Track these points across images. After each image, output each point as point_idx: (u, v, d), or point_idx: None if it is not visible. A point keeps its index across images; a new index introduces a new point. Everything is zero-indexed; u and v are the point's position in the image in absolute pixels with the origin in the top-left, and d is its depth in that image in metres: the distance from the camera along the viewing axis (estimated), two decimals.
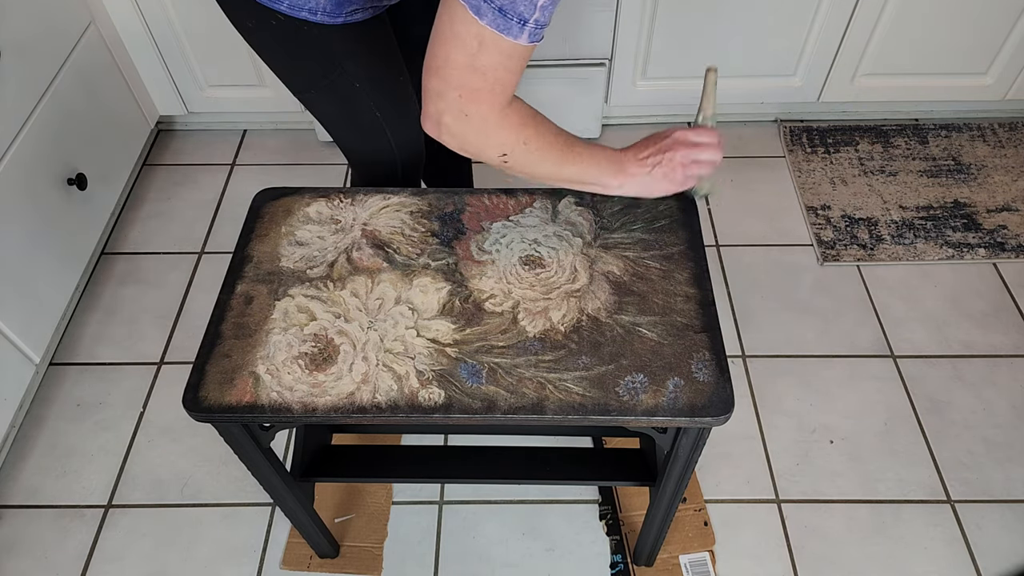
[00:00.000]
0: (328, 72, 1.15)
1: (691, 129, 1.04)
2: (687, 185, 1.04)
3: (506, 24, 0.79)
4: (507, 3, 0.78)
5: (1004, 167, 2.11)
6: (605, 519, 1.51)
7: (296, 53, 1.13)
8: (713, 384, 0.92)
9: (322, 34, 1.09)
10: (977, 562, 1.46)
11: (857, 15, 1.92)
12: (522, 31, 0.80)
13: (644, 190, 1.04)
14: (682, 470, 1.08)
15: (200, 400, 0.93)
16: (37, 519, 1.53)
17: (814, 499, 1.54)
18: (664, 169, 1.02)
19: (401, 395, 0.92)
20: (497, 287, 1.02)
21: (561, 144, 0.96)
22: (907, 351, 1.76)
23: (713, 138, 1.03)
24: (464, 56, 0.82)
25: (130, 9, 1.90)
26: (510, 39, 0.81)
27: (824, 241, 1.95)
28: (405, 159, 1.32)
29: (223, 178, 2.17)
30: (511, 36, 0.80)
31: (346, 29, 1.10)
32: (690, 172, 1.03)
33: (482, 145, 0.91)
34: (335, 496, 1.55)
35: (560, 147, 0.96)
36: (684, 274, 1.03)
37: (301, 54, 1.13)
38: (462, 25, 0.81)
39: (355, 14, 1.09)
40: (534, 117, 0.94)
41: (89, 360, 1.77)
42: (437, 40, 0.84)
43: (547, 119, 0.96)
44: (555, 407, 0.91)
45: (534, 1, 0.78)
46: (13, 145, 1.58)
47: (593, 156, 0.99)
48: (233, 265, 1.06)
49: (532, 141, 0.93)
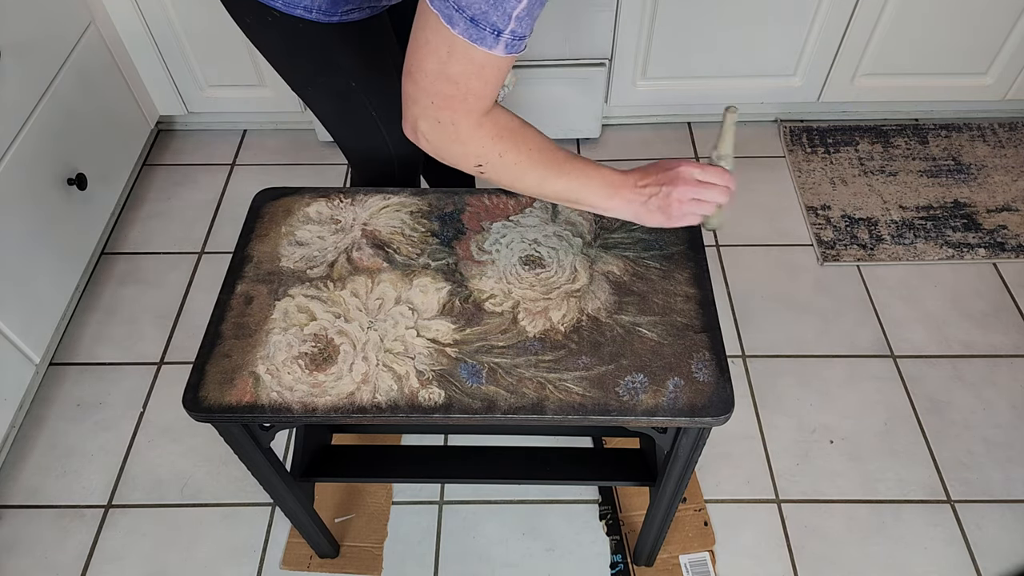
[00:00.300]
0: (323, 70, 1.15)
1: (701, 166, 0.98)
2: (684, 222, 0.99)
3: (479, 34, 0.78)
4: (479, 13, 0.76)
5: (1004, 167, 2.11)
6: (605, 519, 1.51)
7: (292, 51, 1.14)
8: (713, 384, 0.92)
9: (317, 32, 1.09)
10: (977, 562, 1.46)
11: (857, 15, 1.92)
12: (497, 42, 0.79)
13: (636, 218, 0.99)
14: (682, 470, 1.08)
15: (200, 400, 0.93)
16: (37, 519, 1.53)
17: (814, 499, 1.54)
18: (659, 202, 0.97)
19: (401, 395, 0.92)
20: (497, 287, 1.02)
21: (547, 159, 0.93)
22: (907, 351, 1.76)
23: (722, 179, 0.96)
24: (435, 63, 0.81)
25: (130, 9, 1.90)
26: (484, 49, 0.79)
27: (824, 241, 1.95)
28: (402, 158, 1.32)
29: (223, 178, 2.17)
30: (484, 46, 0.79)
31: (342, 28, 1.10)
32: (688, 209, 0.97)
33: (456, 153, 0.90)
34: (335, 496, 1.55)
35: (545, 162, 0.93)
36: (684, 274, 1.03)
37: (297, 52, 1.13)
38: (434, 33, 0.79)
39: (351, 13, 1.09)
40: (514, 130, 0.91)
41: (89, 360, 1.77)
42: (412, 45, 0.83)
43: (535, 132, 0.93)
44: (555, 407, 0.91)
45: (508, 12, 0.77)
46: (13, 145, 1.58)
47: (584, 174, 0.96)
48: (233, 265, 1.06)
49: (509, 153, 0.91)
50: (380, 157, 1.31)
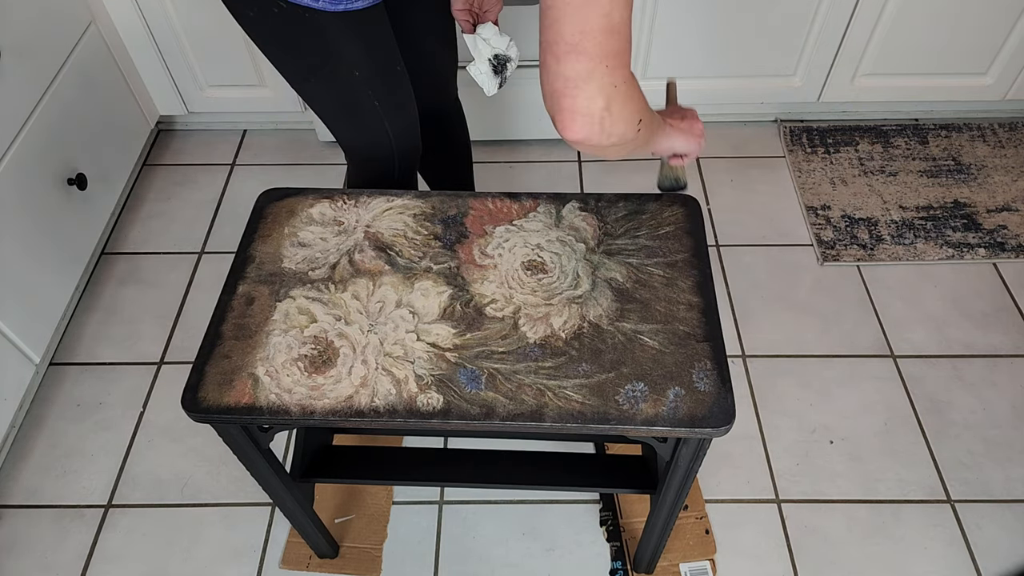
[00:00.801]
0: (327, 60, 1.15)
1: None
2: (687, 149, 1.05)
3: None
4: None
5: (1004, 167, 2.11)
6: (605, 525, 1.51)
7: (296, 42, 1.14)
8: (714, 394, 0.92)
9: (323, 21, 1.09)
10: (977, 562, 1.46)
11: (857, 15, 1.91)
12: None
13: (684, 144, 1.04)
14: (682, 479, 1.08)
15: (199, 401, 0.93)
16: (37, 519, 1.53)
17: (814, 499, 1.54)
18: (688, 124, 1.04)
19: (400, 399, 0.92)
20: (499, 292, 1.02)
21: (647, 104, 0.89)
22: (907, 351, 1.76)
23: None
24: (601, 18, 0.73)
25: (130, 9, 1.90)
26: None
27: (824, 241, 1.95)
28: (402, 150, 1.32)
29: (223, 178, 2.17)
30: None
31: (347, 17, 1.10)
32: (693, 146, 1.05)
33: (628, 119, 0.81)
34: (335, 496, 1.55)
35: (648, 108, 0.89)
36: (688, 282, 1.03)
37: (301, 42, 1.13)
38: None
39: (356, 2, 1.09)
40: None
41: (89, 360, 1.77)
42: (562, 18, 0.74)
43: None
44: (554, 415, 0.90)
45: None
46: (13, 145, 1.58)
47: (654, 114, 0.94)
48: (235, 265, 1.06)
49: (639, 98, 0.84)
50: (381, 152, 1.31)
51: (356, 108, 1.23)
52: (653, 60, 2.03)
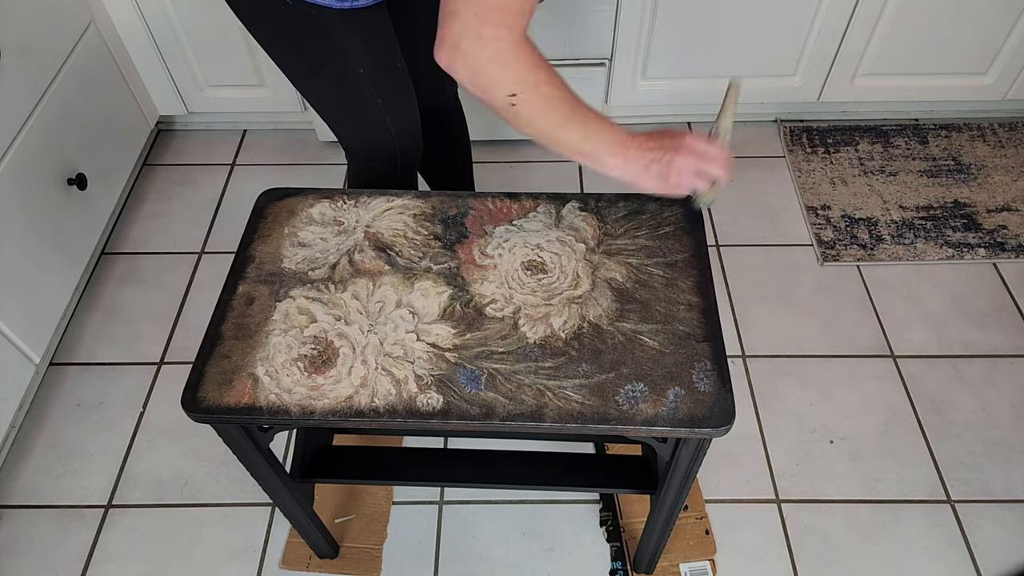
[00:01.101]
0: (331, 58, 1.16)
1: (704, 138, 0.99)
2: (679, 192, 1.00)
3: None
4: None
5: (1004, 167, 2.11)
6: (605, 525, 1.51)
7: (301, 40, 1.14)
8: (714, 395, 0.92)
9: (328, 19, 1.10)
10: (977, 562, 1.46)
11: (857, 15, 1.91)
12: None
13: (634, 179, 0.99)
14: (682, 480, 1.08)
15: (199, 401, 0.93)
16: (37, 519, 1.53)
17: (814, 499, 1.54)
18: (660, 168, 0.97)
19: (399, 400, 0.92)
20: (498, 292, 1.02)
21: (571, 101, 0.93)
22: (907, 351, 1.76)
23: (722, 154, 0.98)
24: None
25: (130, 9, 1.90)
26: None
27: (824, 241, 1.95)
28: (404, 147, 1.32)
29: (223, 178, 2.17)
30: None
31: (351, 14, 1.11)
32: (685, 180, 0.98)
33: (495, 78, 0.88)
34: (335, 496, 1.55)
35: (570, 104, 0.93)
36: (688, 282, 1.03)
37: (306, 40, 1.14)
38: None
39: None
40: (548, 65, 0.90)
41: (89, 360, 1.77)
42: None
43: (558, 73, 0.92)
44: (553, 415, 0.90)
45: None
46: (13, 145, 1.58)
47: (599, 125, 0.95)
48: (235, 265, 1.06)
49: (544, 86, 0.89)
50: (382, 151, 1.31)
51: (359, 106, 1.23)
52: (653, 60, 2.03)
